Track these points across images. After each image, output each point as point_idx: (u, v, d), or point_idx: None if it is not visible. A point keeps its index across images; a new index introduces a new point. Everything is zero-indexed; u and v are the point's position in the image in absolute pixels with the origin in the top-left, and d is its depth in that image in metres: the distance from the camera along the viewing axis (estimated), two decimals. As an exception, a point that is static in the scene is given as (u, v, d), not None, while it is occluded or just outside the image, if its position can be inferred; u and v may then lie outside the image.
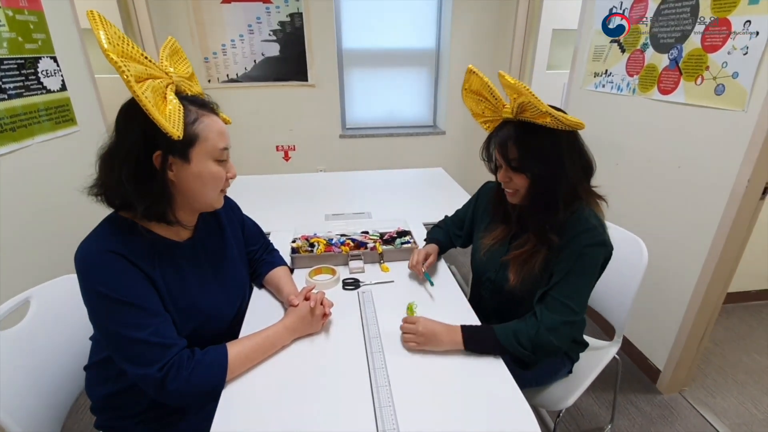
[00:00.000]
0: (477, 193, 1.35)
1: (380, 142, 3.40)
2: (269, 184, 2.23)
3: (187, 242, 0.93)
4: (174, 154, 0.79)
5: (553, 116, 0.88)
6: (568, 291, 0.99)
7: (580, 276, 0.99)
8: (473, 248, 1.26)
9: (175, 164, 0.80)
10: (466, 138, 3.47)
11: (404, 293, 1.17)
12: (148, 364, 0.76)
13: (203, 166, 0.82)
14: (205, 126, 0.82)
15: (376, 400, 0.81)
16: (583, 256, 0.98)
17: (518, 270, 1.05)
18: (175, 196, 0.84)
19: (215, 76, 2.99)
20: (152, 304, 0.79)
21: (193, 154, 0.80)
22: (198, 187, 0.83)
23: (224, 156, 0.86)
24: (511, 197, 1.06)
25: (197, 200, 0.86)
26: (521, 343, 0.96)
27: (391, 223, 1.52)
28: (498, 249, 1.15)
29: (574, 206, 0.99)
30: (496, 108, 1.01)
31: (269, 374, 0.88)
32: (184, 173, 0.81)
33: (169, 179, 0.81)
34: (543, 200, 0.99)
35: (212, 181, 0.84)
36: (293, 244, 1.32)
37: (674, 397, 1.78)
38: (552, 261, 1.01)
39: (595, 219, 1.01)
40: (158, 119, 0.69)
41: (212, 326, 0.94)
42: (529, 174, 0.98)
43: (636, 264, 1.28)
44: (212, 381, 0.82)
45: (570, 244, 0.99)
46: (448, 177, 2.38)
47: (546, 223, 0.99)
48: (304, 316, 0.97)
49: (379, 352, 0.94)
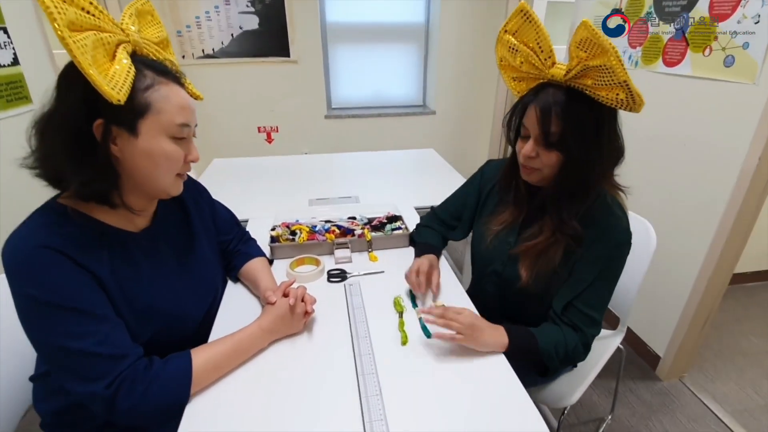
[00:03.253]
0: (479, 172, 1.19)
1: (368, 123, 3.25)
2: (249, 168, 2.08)
3: (144, 233, 0.80)
4: (119, 125, 0.66)
5: (629, 90, 0.73)
6: (595, 301, 0.91)
7: (609, 282, 0.91)
8: (475, 235, 1.14)
9: (120, 137, 0.67)
10: (458, 118, 3.33)
11: (396, 285, 1.06)
12: (93, 380, 0.64)
13: (154, 143, 0.69)
14: (161, 96, 0.68)
15: (366, 411, 0.71)
16: (612, 260, 0.89)
17: (531, 264, 0.94)
18: (122, 176, 0.71)
19: (190, 52, 2.78)
20: (98, 308, 0.67)
21: (142, 126, 0.67)
22: (148, 167, 0.70)
23: (183, 134, 0.72)
24: (528, 175, 0.91)
25: (148, 184, 0.73)
26: (558, 354, 0.89)
27: (380, 207, 1.40)
28: (506, 236, 1.03)
29: (598, 192, 0.89)
30: (542, 64, 0.83)
31: (241, 382, 0.77)
32: (130, 149, 0.68)
33: (113, 155, 0.68)
34: (572, 185, 0.86)
35: (165, 162, 0.71)
36: (272, 232, 1.20)
37: (674, 383, 1.72)
38: (573, 255, 0.90)
39: (618, 208, 0.90)
40: (91, 75, 0.56)
41: (177, 329, 0.82)
42: (566, 153, 0.83)
43: (643, 249, 1.19)
44: (174, 396, 0.70)
45: (597, 242, 0.88)
46: (439, 158, 2.26)
47: (570, 211, 0.88)
48: (282, 315, 0.85)
49: (368, 354, 0.83)
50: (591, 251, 0.89)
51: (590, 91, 0.78)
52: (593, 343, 1.07)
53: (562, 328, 0.92)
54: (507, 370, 0.82)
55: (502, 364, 0.83)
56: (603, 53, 0.73)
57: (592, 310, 0.90)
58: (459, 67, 3.16)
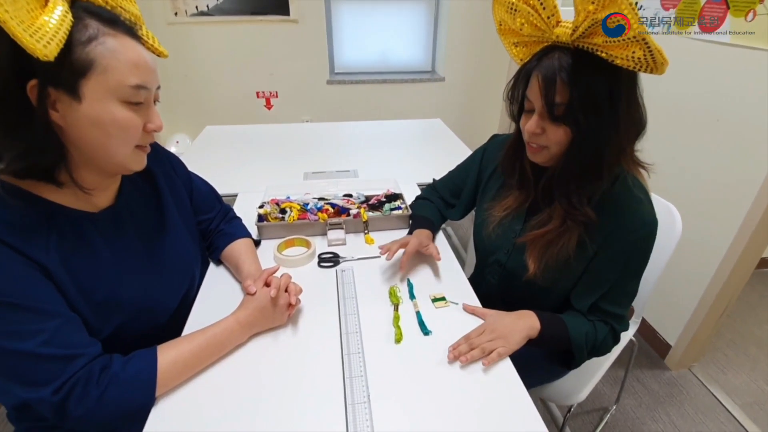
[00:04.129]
0: (482, 148, 1.08)
1: (372, 90, 3.07)
2: (243, 136, 1.96)
3: (104, 213, 0.70)
4: (56, 86, 0.54)
5: (647, 46, 0.60)
6: (622, 298, 0.83)
7: (635, 276, 0.82)
8: (477, 221, 1.03)
9: (61, 101, 0.56)
10: (468, 86, 3.14)
11: (393, 272, 0.97)
12: (40, 385, 0.57)
13: (102, 109, 0.58)
14: (107, 50, 0.56)
15: (351, 422, 0.63)
16: (636, 252, 0.79)
17: (540, 255, 0.83)
18: (70, 148, 0.60)
19: (182, 9, 2.60)
20: (43, 303, 0.58)
21: (85, 88, 0.56)
22: (97, 138, 0.59)
23: (139, 97, 0.61)
24: (534, 154, 0.80)
25: (100, 158, 0.62)
26: (587, 344, 0.84)
27: (379, 183, 1.29)
28: (511, 223, 0.93)
29: (615, 172, 0.77)
30: (545, 24, 0.70)
31: (215, 380, 0.69)
32: (73, 115, 0.57)
33: (55, 123, 0.57)
34: (583, 164, 0.74)
35: (118, 131, 0.60)
36: (260, 210, 1.10)
37: (683, 373, 1.65)
38: (589, 245, 0.80)
39: (641, 190, 0.79)
40: (6, 22, 0.44)
41: (145, 321, 0.73)
42: (575, 128, 0.72)
43: (667, 236, 1.08)
44: (135, 400, 0.62)
45: (618, 233, 0.78)
46: (446, 129, 2.11)
47: (581, 195, 0.77)
48: (263, 307, 0.76)
49: (357, 353, 0.75)
50: (612, 244, 0.79)
51: (602, 51, 0.65)
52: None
53: (594, 322, 0.85)
54: (508, 369, 0.73)
55: (505, 366, 0.74)
56: (612, 2, 0.60)
57: (618, 308, 0.83)
58: (471, 30, 2.94)
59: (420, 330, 0.81)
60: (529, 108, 0.76)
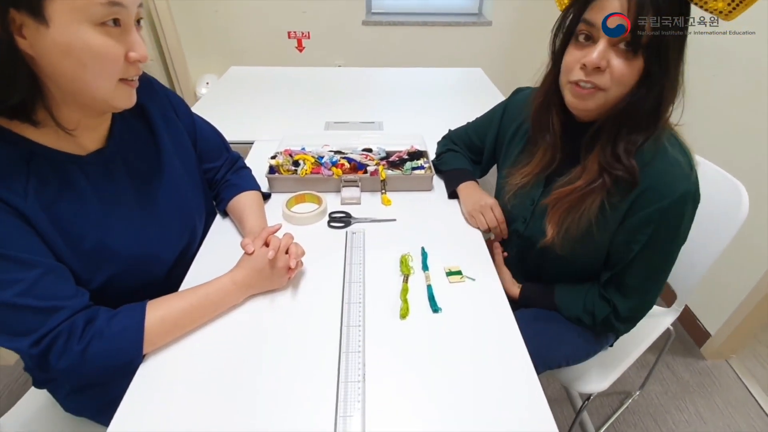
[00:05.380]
0: (503, 104, 0.97)
1: (411, 33, 2.84)
2: (268, 79, 1.86)
3: (93, 156, 0.64)
4: (18, 7, 0.47)
5: None
6: (648, 271, 0.72)
7: (665, 247, 0.70)
8: (498, 185, 0.93)
9: (27, 26, 0.49)
10: (517, 30, 2.84)
11: (407, 238, 0.89)
12: (18, 336, 0.55)
13: (72, 34, 0.50)
14: None
15: (341, 400, 0.58)
16: (670, 219, 0.66)
17: (560, 219, 0.74)
18: (46, 82, 0.54)
19: (213, -65, 2.43)
20: (20, 251, 0.54)
21: (50, 9, 0.48)
22: (71, 69, 0.52)
23: (114, 16, 0.52)
24: (582, 98, 0.66)
25: (79, 92, 0.55)
26: (583, 319, 0.82)
27: (403, 139, 1.18)
28: (530, 191, 0.83)
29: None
30: None
31: (206, 340, 0.66)
32: (42, 42, 0.50)
33: (24, 52, 0.50)
34: (646, 109, 0.63)
35: (93, 61, 0.53)
36: (272, 160, 1.03)
37: (719, 364, 1.53)
38: (609, 212, 0.69)
39: (679, 151, 0.66)
40: None
41: (140, 274, 0.70)
42: (656, 65, 0.60)
43: (729, 218, 0.93)
44: (120, 357, 0.60)
45: (648, 196, 0.66)
46: (486, 80, 1.93)
47: (629, 144, 0.65)
48: (260, 269, 0.71)
49: (357, 326, 0.69)
50: (638, 210, 0.68)
51: None
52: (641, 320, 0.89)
53: (593, 292, 0.81)
54: (522, 355, 0.66)
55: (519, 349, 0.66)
56: None
57: (646, 281, 0.74)
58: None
59: (429, 306, 0.74)
60: (588, 34, 0.63)
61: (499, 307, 0.74)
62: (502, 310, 0.74)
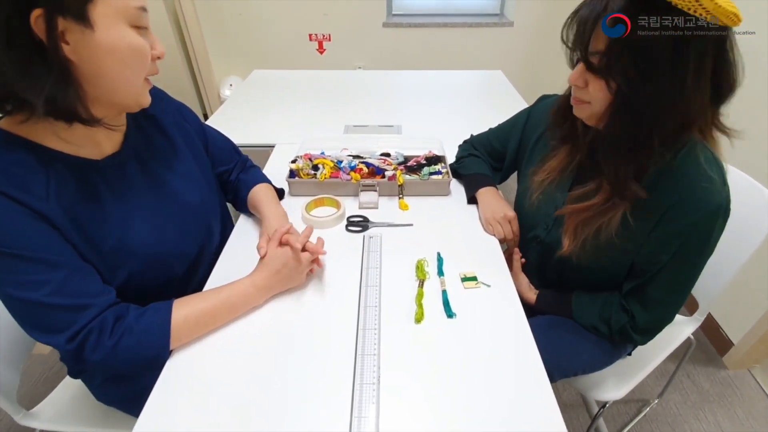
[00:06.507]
0: (527, 111, 0.98)
1: (431, 35, 2.85)
2: (290, 82, 1.90)
3: (109, 160, 0.67)
4: (65, 14, 0.51)
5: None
6: (672, 284, 0.72)
7: (690, 263, 0.70)
8: (519, 189, 0.94)
9: (71, 31, 0.52)
10: (540, 32, 2.81)
11: (424, 243, 0.91)
12: (54, 332, 0.59)
13: (116, 34, 0.55)
14: None
15: (356, 400, 0.61)
16: (697, 235, 0.67)
17: (577, 231, 0.74)
18: (83, 86, 0.56)
19: (238, -60, 2.49)
20: (48, 253, 0.58)
21: (94, 13, 0.52)
22: (113, 68, 0.57)
23: (144, 21, 0.59)
24: (576, 108, 0.72)
25: (116, 92, 0.60)
26: (599, 328, 0.82)
27: (422, 142, 1.19)
28: (553, 193, 0.83)
29: (682, 141, 0.64)
30: None
31: (229, 338, 0.70)
32: (88, 46, 0.53)
33: (66, 58, 0.53)
34: (629, 131, 0.63)
35: (134, 57, 0.58)
36: (292, 164, 1.06)
37: (741, 374, 1.50)
38: (633, 224, 0.69)
39: (713, 166, 0.65)
40: None
41: (160, 271, 0.73)
42: (618, 85, 0.61)
43: (754, 225, 0.92)
44: (149, 351, 0.64)
45: (677, 210, 0.66)
46: (507, 83, 1.92)
47: (627, 167, 0.66)
48: (277, 270, 0.74)
49: (373, 329, 0.71)
50: (667, 224, 0.68)
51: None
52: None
53: (612, 303, 0.81)
54: (535, 362, 0.67)
55: (532, 356, 0.67)
56: None
57: (670, 294, 0.74)
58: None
59: (444, 311, 0.75)
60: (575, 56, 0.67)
61: (514, 314, 0.75)
62: (516, 317, 0.75)
